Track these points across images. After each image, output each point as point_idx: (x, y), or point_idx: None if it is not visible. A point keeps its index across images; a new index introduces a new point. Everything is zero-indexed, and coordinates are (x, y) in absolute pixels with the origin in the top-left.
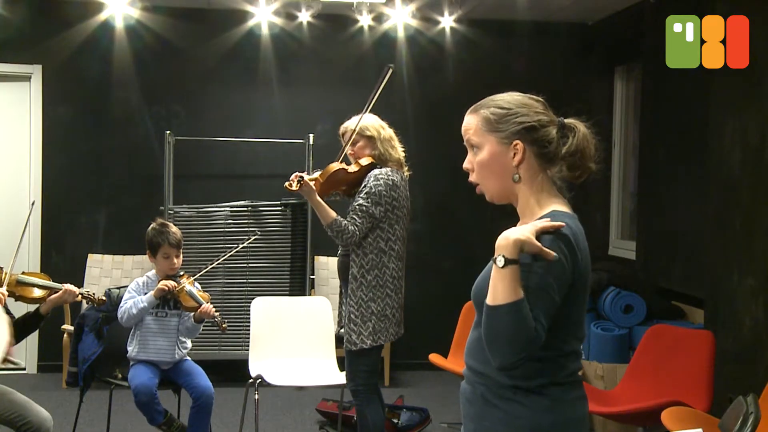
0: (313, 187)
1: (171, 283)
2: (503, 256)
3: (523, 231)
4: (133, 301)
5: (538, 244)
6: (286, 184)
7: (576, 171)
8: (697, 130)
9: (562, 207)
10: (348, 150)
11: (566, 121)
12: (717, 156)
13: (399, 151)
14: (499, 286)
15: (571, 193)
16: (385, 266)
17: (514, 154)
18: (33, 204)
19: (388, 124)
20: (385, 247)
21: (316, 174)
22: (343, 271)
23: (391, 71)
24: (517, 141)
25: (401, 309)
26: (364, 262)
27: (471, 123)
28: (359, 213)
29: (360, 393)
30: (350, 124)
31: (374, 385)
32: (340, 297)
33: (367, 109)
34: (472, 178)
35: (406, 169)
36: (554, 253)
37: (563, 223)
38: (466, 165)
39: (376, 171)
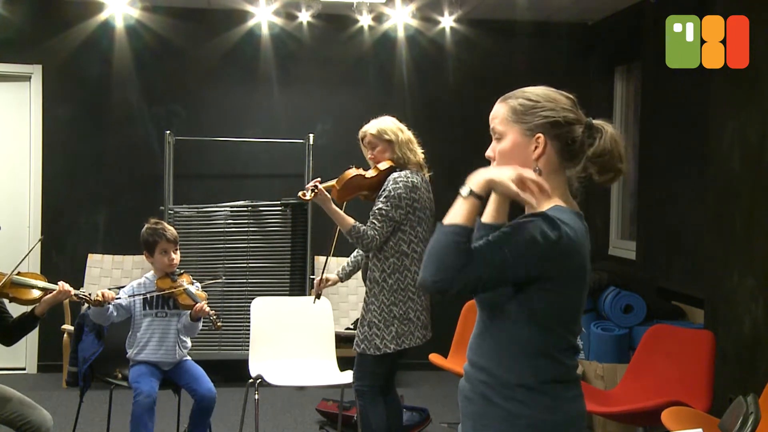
0: (329, 196)
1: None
2: (470, 188)
3: (501, 173)
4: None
5: (514, 188)
6: (300, 193)
7: (607, 174)
8: (697, 130)
9: (565, 205)
10: (368, 155)
11: (594, 121)
12: (717, 156)
13: (418, 154)
14: (455, 210)
15: (576, 200)
16: (406, 269)
17: (536, 146)
18: (40, 240)
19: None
20: (407, 250)
21: (333, 181)
22: (365, 275)
23: None
24: (540, 134)
25: (427, 311)
26: (386, 266)
27: (498, 112)
28: (379, 217)
29: (365, 394)
30: (369, 128)
31: (380, 387)
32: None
33: None
34: (492, 167)
35: (426, 170)
36: (532, 199)
37: (540, 209)
38: (488, 153)
39: (395, 174)
